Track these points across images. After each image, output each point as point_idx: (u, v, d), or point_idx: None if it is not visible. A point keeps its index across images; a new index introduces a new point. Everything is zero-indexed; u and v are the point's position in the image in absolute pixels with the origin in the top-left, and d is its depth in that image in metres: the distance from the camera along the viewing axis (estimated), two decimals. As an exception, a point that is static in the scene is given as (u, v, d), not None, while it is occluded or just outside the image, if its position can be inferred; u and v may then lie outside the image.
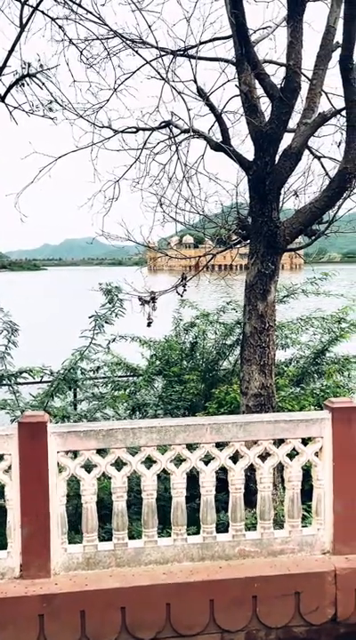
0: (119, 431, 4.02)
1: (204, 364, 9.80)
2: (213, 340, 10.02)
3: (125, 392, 9.33)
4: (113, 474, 4.07)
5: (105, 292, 7.15)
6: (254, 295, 7.04)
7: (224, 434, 4.11)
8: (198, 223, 7.57)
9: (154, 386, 9.66)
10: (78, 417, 6.70)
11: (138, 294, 7.47)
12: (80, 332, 6.81)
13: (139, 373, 9.56)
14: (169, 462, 4.12)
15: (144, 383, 9.23)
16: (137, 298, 7.43)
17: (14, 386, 6.91)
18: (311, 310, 10.65)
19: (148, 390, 9.39)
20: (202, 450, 4.13)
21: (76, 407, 8.27)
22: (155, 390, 9.57)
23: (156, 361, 9.97)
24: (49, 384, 6.96)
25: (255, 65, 6.69)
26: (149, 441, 4.06)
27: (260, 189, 6.92)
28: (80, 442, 4.00)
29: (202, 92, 6.97)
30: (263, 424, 4.13)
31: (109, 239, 8.24)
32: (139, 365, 9.96)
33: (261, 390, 7.01)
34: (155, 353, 9.96)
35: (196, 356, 9.78)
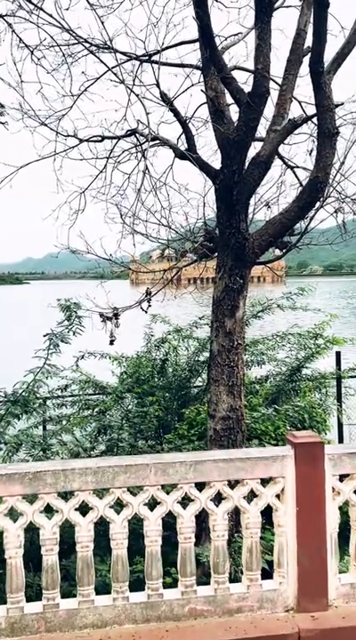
0: (48, 474, 3.36)
1: (176, 382, 9.16)
2: (185, 356, 9.39)
3: (92, 411, 8.67)
4: (41, 523, 3.40)
5: (63, 309, 6.50)
6: (221, 311, 6.42)
7: (171, 475, 3.46)
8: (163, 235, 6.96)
9: (124, 404, 9.00)
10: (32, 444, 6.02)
11: (99, 310, 6.83)
12: (34, 351, 6.14)
13: (108, 392, 8.89)
14: (108, 508, 3.46)
15: (112, 402, 8.57)
16: (98, 314, 6.80)
17: None
18: (290, 325, 10.07)
19: (117, 410, 8.73)
20: (146, 493, 3.48)
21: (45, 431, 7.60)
22: (124, 408, 8.91)
23: (127, 378, 9.31)
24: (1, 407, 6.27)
25: (221, 68, 6.12)
26: (84, 484, 3.40)
27: (227, 199, 6.33)
28: (2, 487, 3.33)
29: (165, 97, 6.39)
30: (216, 463, 3.48)
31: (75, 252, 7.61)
32: (109, 383, 9.30)
33: (229, 413, 6.38)
34: (125, 370, 9.30)
35: (167, 373, 9.13)
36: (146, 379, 8.94)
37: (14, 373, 9.65)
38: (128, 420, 7.17)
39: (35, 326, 28.28)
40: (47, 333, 6.15)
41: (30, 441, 6.05)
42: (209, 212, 6.96)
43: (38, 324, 20.59)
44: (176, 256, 23.21)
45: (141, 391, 7.88)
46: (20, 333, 27.70)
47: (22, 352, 18.95)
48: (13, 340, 22.84)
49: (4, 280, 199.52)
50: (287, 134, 6.52)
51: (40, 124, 7.33)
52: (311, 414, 7.45)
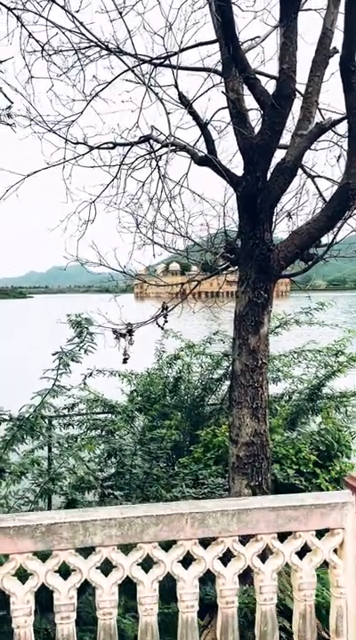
0: (65, 526, 2.73)
1: (189, 401, 8.55)
2: (198, 373, 8.78)
3: (101, 432, 8.03)
4: (56, 586, 2.76)
5: (74, 325, 5.89)
6: (244, 328, 5.82)
7: (211, 526, 2.83)
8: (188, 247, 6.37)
9: (134, 425, 8.37)
10: (39, 472, 5.38)
11: (113, 327, 6.23)
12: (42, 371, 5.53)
13: (117, 411, 8.26)
14: (135, 567, 2.83)
15: (122, 423, 7.93)
16: (111, 331, 6.20)
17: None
18: (302, 341, 9.46)
19: (127, 430, 8.10)
20: (180, 549, 2.85)
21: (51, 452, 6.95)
22: (135, 429, 8.28)
23: (137, 397, 8.69)
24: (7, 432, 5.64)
25: (244, 68, 5.58)
26: (107, 539, 2.77)
27: (250, 208, 5.76)
28: (10, 542, 2.70)
29: (184, 98, 5.84)
30: (263, 512, 2.86)
31: (84, 265, 7.03)
32: (118, 402, 8.67)
33: (253, 438, 5.75)
34: (135, 388, 8.68)
35: (180, 392, 8.51)
36: (157, 397, 8.33)
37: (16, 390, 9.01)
38: (143, 445, 6.53)
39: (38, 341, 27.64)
40: (57, 352, 5.53)
41: (37, 469, 5.41)
42: (229, 222, 6.40)
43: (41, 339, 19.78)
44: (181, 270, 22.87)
45: (155, 413, 7.24)
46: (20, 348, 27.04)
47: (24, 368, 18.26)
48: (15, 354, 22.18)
49: (8, 294, 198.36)
50: (314, 139, 5.95)
51: (48, 131, 6.79)
52: (336, 439, 6.82)
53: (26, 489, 5.79)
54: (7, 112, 5.19)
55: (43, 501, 6.17)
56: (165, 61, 6.58)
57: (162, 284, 6.65)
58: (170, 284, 6.64)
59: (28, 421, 5.24)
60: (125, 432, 8.03)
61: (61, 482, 5.69)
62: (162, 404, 8.31)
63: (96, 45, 6.39)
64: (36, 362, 6.71)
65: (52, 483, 5.44)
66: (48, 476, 5.43)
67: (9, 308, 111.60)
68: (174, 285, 6.53)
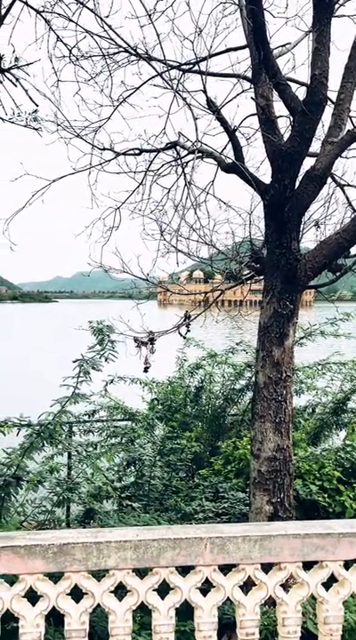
0: (78, 547, 2.58)
1: (209, 411, 8.35)
2: (220, 383, 8.58)
3: (121, 440, 7.89)
4: (67, 610, 2.61)
5: (95, 332, 5.76)
6: (269, 339, 5.62)
7: (232, 552, 2.65)
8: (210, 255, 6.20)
9: (154, 433, 8.20)
10: (57, 483, 5.26)
11: (134, 335, 6.09)
12: (62, 378, 5.41)
13: (138, 419, 8.11)
14: (150, 592, 2.66)
15: (143, 431, 7.78)
16: (133, 339, 6.05)
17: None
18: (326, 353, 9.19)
19: (147, 439, 7.93)
20: (198, 575, 2.67)
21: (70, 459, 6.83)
22: (154, 438, 8.10)
23: (157, 405, 8.53)
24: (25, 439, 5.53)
25: (275, 74, 5.41)
26: (122, 562, 2.61)
27: (278, 216, 5.58)
28: (21, 562, 2.56)
29: (213, 104, 5.69)
30: (288, 539, 2.67)
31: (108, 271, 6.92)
32: (138, 410, 8.52)
33: (276, 453, 5.54)
34: (156, 397, 8.53)
35: (201, 402, 8.32)
36: (178, 407, 8.16)
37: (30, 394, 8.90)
38: (162, 456, 6.36)
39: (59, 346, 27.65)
40: (77, 359, 5.41)
41: (55, 478, 5.29)
42: (255, 231, 6.22)
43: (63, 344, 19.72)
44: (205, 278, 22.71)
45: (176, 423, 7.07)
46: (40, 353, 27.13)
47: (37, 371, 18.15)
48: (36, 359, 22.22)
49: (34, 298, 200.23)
50: (345, 147, 5.74)
51: (75, 136, 6.71)
52: (364, 457, 6.56)
53: (43, 497, 5.68)
54: (34, 116, 5.10)
55: (61, 510, 6.05)
56: (193, 67, 6.47)
57: (185, 293, 6.48)
58: (193, 292, 6.47)
59: (47, 429, 5.12)
60: (145, 441, 7.87)
61: (79, 490, 5.55)
62: (183, 414, 8.14)
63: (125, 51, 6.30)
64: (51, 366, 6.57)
65: (70, 491, 5.30)
66: (66, 484, 5.29)
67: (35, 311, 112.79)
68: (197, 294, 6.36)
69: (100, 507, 6.08)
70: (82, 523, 6.35)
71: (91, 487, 5.49)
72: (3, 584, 2.60)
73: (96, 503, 6.05)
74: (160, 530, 2.70)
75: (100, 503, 6.15)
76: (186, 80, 6.50)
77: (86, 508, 6.11)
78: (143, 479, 6.06)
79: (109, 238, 7.07)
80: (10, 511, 5.11)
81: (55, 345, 27.78)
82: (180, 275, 15.25)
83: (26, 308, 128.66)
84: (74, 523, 6.51)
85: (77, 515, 6.51)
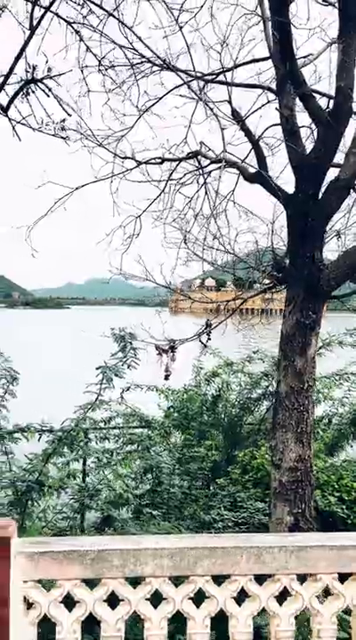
0: (115, 554, 2.60)
1: (226, 420, 8.35)
2: (236, 392, 8.59)
3: (137, 447, 7.91)
4: (104, 616, 2.63)
5: (117, 339, 5.80)
6: (291, 348, 5.63)
7: (268, 563, 2.66)
8: (227, 263, 6.24)
9: (170, 441, 8.21)
10: (79, 489, 5.28)
11: (155, 342, 6.13)
12: (85, 385, 5.46)
13: (154, 426, 8.12)
14: (186, 600, 2.67)
15: (160, 438, 7.79)
16: (154, 347, 6.09)
17: (7, 445, 5.54)
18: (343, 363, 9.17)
19: (163, 447, 7.93)
20: (234, 585, 2.68)
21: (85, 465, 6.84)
22: (170, 446, 8.10)
23: (173, 413, 8.54)
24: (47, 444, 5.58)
25: (300, 85, 5.47)
26: (159, 569, 2.62)
27: (301, 226, 5.61)
28: (58, 567, 2.59)
29: (238, 115, 5.75)
30: (324, 550, 2.67)
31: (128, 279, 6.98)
32: (154, 417, 8.53)
33: (297, 463, 5.53)
34: (173, 404, 8.54)
35: (218, 410, 8.33)
36: (194, 415, 8.17)
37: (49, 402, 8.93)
38: (181, 464, 6.37)
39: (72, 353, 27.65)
40: (100, 366, 5.46)
41: (76, 485, 5.31)
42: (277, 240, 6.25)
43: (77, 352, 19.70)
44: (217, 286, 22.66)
45: (193, 432, 7.08)
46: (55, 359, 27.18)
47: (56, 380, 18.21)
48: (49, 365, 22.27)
49: (46, 304, 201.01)
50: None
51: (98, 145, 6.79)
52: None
53: (63, 503, 5.70)
54: (61, 125, 5.15)
55: (79, 516, 6.07)
56: (216, 77, 6.54)
57: (206, 301, 6.51)
58: (215, 301, 6.51)
59: (70, 435, 5.16)
60: (161, 448, 7.87)
61: (97, 497, 5.57)
62: (199, 422, 8.15)
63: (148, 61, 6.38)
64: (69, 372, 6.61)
65: (91, 498, 5.33)
66: (87, 491, 5.31)
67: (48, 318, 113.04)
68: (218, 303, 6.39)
69: (118, 514, 6.09)
70: (99, 530, 6.36)
71: (111, 494, 5.49)
72: (40, 589, 2.62)
73: (114, 510, 6.06)
74: (197, 538, 2.72)
75: (118, 511, 6.16)
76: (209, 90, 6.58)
77: (104, 516, 6.12)
78: (162, 487, 6.07)
79: (129, 246, 7.14)
80: (32, 517, 5.14)
81: (73, 351, 27.87)
82: (192, 282, 15.27)
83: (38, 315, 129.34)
84: (91, 530, 6.52)
85: (94, 522, 6.53)
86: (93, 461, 6.03)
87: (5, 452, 5.50)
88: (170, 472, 6.16)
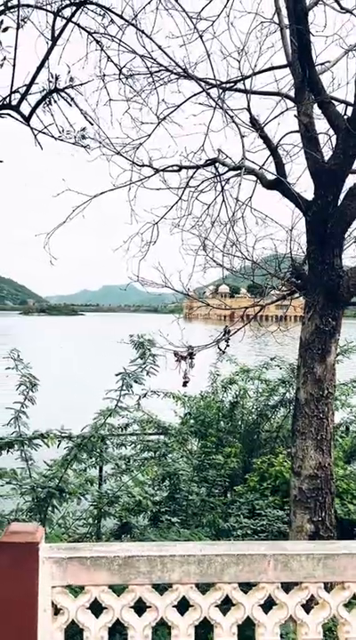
0: (142, 560, 2.61)
1: (243, 427, 8.33)
2: (253, 399, 8.57)
3: (154, 454, 7.92)
4: (131, 623, 2.64)
5: (136, 346, 5.83)
6: (310, 355, 5.62)
7: (295, 570, 2.66)
8: (245, 270, 6.25)
9: (187, 448, 8.21)
10: (99, 496, 5.29)
11: (174, 349, 6.15)
12: (105, 391, 5.48)
13: (171, 433, 8.12)
14: (213, 608, 2.67)
15: (177, 445, 7.79)
16: (173, 353, 6.11)
17: (27, 451, 5.56)
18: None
19: (180, 453, 7.93)
20: (261, 592, 2.68)
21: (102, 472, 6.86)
22: (186, 453, 8.10)
23: (190, 420, 8.54)
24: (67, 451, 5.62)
25: (319, 92, 5.49)
26: (185, 576, 2.63)
27: (320, 232, 5.61)
28: (86, 573, 2.60)
29: (256, 122, 5.78)
30: (352, 558, 2.66)
31: (145, 285, 7.00)
32: (171, 424, 8.53)
33: (317, 471, 5.51)
34: (189, 411, 8.54)
35: (235, 417, 8.32)
36: (211, 422, 8.16)
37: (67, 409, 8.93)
38: (200, 471, 6.36)
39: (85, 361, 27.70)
40: (120, 372, 5.48)
41: (96, 491, 5.33)
42: (296, 247, 6.25)
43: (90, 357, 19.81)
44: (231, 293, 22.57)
45: (212, 439, 7.06)
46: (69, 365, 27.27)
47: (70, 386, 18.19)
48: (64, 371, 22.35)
49: (60, 311, 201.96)
50: (389, 164, 5.78)
51: (115, 153, 6.86)
52: None
53: (82, 510, 5.72)
54: (82, 134, 5.22)
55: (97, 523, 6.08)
56: (234, 85, 6.58)
57: (225, 308, 6.52)
58: (234, 308, 6.51)
59: (90, 441, 5.18)
60: (178, 455, 7.87)
61: (116, 504, 5.58)
62: (216, 429, 8.13)
63: (165, 69, 6.45)
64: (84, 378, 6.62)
65: (111, 505, 5.34)
66: (107, 498, 5.33)
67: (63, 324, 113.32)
68: (236, 309, 6.39)
69: (136, 521, 6.09)
70: (116, 537, 6.36)
71: (131, 501, 5.50)
72: (68, 595, 2.64)
73: (132, 517, 6.06)
74: (223, 545, 2.72)
75: (135, 517, 6.16)
76: (227, 98, 6.62)
77: (122, 522, 6.12)
78: (181, 494, 6.06)
79: (146, 253, 7.18)
80: (51, 523, 5.16)
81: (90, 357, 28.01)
82: (205, 289, 15.29)
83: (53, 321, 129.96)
84: (108, 537, 6.52)
85: (111, 528, 6.53)
86: (112, 468, 6.02)
87: (25, 458, 5.53)
88: (188, 479, 6.15)
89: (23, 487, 5.00)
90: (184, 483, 6.24)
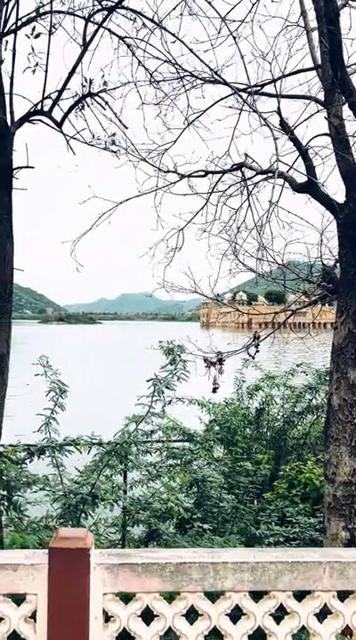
0: (195, 567, 2.56)
1: (269, 433, 8.25)
2: (279, 405, 8.48)
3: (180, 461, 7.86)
4: (184, 631, 2.58)
5: (166, 352, 5.80)
6: (343, 360, 5.54)
7: (352, 578, 2.58)
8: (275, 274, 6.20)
9: (213, 455, 8.13)
10: (130, 502, 5.25)
11: (203, 355, 6.11)
12: (136, 398, 5.46)
13: (197, 440, 8.05)
14: (267, 616, 2.61)
15: (204, 451, 7.72)
16: (202, 359, 6.07)
17: (58, 458, 5.55)
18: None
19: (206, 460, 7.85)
20: (316, 601, 2.61)
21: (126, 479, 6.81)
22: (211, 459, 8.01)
23: (215, 426, 8.47)
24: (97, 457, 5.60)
25: (351, 93, 5.45)
26: (239, 583, 2.57)
27: (352, 235, 5.55)
28: (138, 580, 2.56)
29: (286, 125, 5.75)
30: None
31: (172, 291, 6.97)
32: (196, 431, 8.46)
33: (352, 477, 5.41)
34: (215, 418, 8.47)
35: (261, 424, 8.24)
36: (236, 429, 8.08)
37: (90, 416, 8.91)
38: (230, 478, 6.29)
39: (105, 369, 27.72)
40: (151, 378, 5.46)
41: (129, 498, 5.29)
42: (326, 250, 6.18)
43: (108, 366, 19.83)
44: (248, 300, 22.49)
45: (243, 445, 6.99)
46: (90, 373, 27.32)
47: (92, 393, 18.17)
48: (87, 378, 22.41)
49: (79, 319, 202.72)
50: None
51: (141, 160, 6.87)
52: None
53: (113, 517, 5.68)
54: (112, 139, 5.24)
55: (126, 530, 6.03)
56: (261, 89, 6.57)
57: (256, 313, 6.47)
58: (264, 313, 6.46)
59: (122, 448, 5.15)
60: (203, 462, 7.80)
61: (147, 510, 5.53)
62: (242, 436, 8.05)
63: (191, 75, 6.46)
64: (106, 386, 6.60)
65: (143, 511, 5.29)
66: (139, 504, 5.28)
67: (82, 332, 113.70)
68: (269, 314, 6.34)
69: (166, 527, 6.03)
70: (144, 544, 6.31)
71: (163, 507, 5.44)
72: (119, 602, 2.59)
73: (162, 524, 6.00)
74: (276, 552, 2.66)
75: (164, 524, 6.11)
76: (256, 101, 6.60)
77: (151, 529, 6.07)
78: (211, 501, 5.99)
79: (172, 259, 7.17)
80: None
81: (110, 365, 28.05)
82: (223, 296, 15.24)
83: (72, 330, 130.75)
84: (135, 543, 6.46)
85: (140, 536, 6.48)
86: (143, 474, 5.98)
87: (56, 464, 5.51)
88: (218, 486, 6.07)
89: (56, 494, 4.98)
90: (214, 490, 6.16)
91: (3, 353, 4.85)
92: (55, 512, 5.45)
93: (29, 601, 2.56)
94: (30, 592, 2.54)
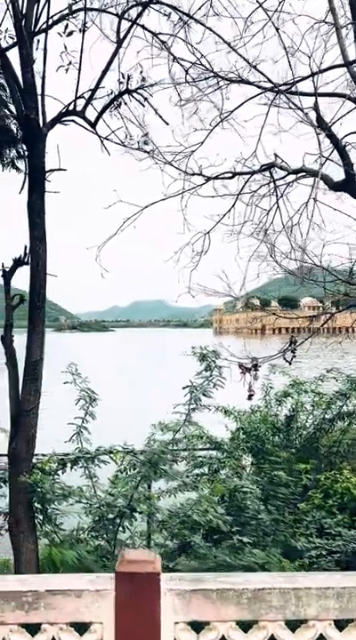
0: (274, 593, 2.32)
1: (298, 441, 7.98)
2: (309, 412, 8.22)
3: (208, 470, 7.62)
4: (263, 665, 2.34)
5: (200, 358, 5.57)
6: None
7: None
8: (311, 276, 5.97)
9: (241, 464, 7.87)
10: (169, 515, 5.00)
11: (237, 361, 5.88)
12: (172, 406, 5.22)
13: (224, 449, 7.80)
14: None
15: (234, 461, 7.47)
16: (237, 365, 5.84)
17: (91, 468, 5.32)
18: None
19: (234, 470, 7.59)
20: None
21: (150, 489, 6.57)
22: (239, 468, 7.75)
23: (241, 434, 8.21)
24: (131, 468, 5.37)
25: (390, 89, 5.25)
26: (323, 611, 2.33)
27: None
28: (212, 607, 2.32)
29: (322, 121, 5.55)
30: None
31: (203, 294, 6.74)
32: (223, 439, 8.21)
33: None
34: (242, 426, 8.21)
35: (291, 432, 7.97)
36: (263, 436, 7.81)
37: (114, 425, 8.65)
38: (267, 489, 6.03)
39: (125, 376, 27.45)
40: (187, 385, 5.23)
41: (167, 510, 5.05)
42: None
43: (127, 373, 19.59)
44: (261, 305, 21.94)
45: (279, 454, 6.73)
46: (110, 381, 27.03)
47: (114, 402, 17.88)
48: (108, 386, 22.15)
49: (91, 327, 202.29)
50: None
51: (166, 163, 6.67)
52: None
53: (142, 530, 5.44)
54: (144, 139, 5.05)
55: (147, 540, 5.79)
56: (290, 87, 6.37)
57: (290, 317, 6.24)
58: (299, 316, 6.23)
59: (160, 458, 4.92)
60: (231, 472, 7.55)
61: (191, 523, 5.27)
62: (271, 445, 7.79)
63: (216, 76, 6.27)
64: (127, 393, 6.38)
65: (183, 524, 5.05)
66: (178, 517, 5.03)
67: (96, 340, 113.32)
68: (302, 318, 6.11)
69: (200, 540, 5.77)
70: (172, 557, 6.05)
71: (202, 519, 5.17)
72: (191, 632, 2.35)
73: (194, 537, 5.75)
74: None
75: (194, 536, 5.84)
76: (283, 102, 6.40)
77: (183, 542, 5.81)
78: (249, 512, 5.72)
79: (198, 262, 6.96)
80: (121, 543, 4.89)
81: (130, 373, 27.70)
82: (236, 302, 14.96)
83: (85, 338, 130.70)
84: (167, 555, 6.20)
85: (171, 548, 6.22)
86: (178, 484, 5.73)
87: (89, 475, 5.28)
88: (255, 497, 5.81)
89: (92, 506, 4.74)
90: (249, 500, 5.89)
91: (37, 359, 4.64)
92: (86, 524, 5.22)
93: (94, 630, 2.32)
94: (95, 621, 2.31)
